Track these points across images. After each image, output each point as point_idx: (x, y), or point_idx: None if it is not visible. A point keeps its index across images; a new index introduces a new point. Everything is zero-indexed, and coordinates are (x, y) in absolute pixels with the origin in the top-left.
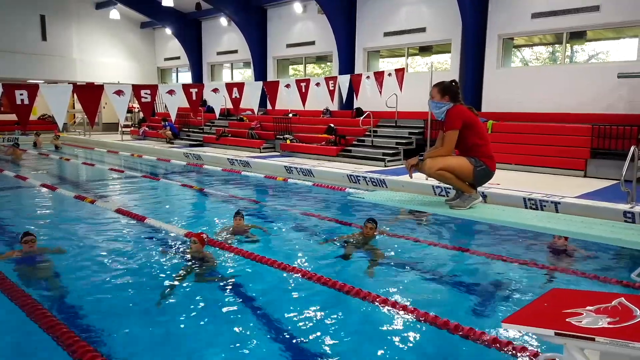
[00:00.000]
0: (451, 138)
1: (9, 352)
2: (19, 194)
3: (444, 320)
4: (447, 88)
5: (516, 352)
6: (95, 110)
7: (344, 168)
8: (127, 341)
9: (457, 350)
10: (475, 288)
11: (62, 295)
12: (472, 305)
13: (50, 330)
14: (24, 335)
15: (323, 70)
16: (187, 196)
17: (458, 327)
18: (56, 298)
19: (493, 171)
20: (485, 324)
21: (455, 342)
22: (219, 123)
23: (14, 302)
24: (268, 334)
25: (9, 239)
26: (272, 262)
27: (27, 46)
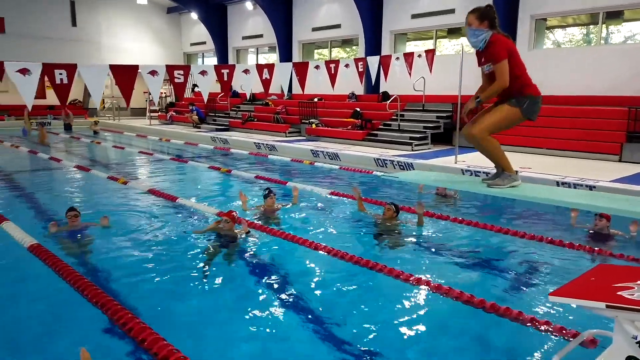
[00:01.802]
0: (503, 69)
1: (50, 320)
2: (55, 175)
3: (480, 299)
4: (485, 14)
5: (554, 332)
6: (131, 90)
7: (370, 152)
8: (160, 317)
9: (493, 329)
10: (510, 268)
11: (99, 270)
12: (508, 285)
13: (93, 299)
14: (65, 304)
15: (348, 54)
16: (216, 178)
17: (494, 306)
18: (94, 271)
19: (539, 95)
20: (522, 303)
21: (491, 322)
22: (245, 108)
23: (58, 274)
24: (297, 311)
25: (47, 217)
26: (302, 240)
27: (58, 32)
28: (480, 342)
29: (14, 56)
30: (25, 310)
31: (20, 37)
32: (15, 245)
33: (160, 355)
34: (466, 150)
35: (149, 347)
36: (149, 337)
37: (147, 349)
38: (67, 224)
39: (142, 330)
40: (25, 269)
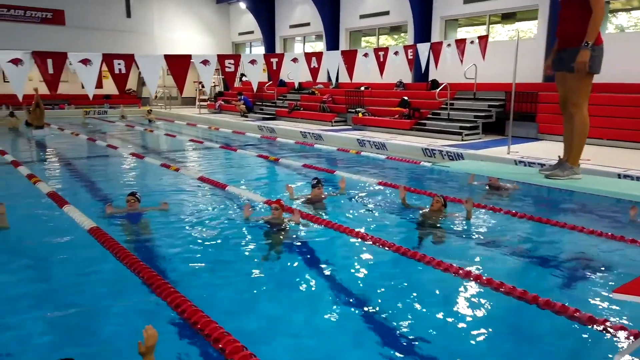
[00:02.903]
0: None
1: (109, 302)
2: (111, 161)
3: (533, 295)
4: None
5: (614, 331)
6: (184, 79)
7: (417, 142)
8: (208, 301)
9: (547, 327)
10: (566, 264)
11: (153, 253)
12: (564, 281)
13: (147, 281)
14: (122, 285)
15: (397, 41)
16: (264, 166)
17: (549, 303)
18: (148, 254)
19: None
20: (579, 301)
21: (545, 319)
22: (291, 97)
23: (115, 257)
24: (341, 301)
25: (105, 202)
26: (349, 230)
27: (113, 24)
28: (534, 339)
29: (74, 47)
30: (84, 291)
31: (79, 29)
32: (76, 227)
33: (213, 337)
34: (520, 140)
35: (201, 327)
36: (201, 320)
37: (198, 329)
38: (124, 207)
39: (194, 313)
40: (85, 251)
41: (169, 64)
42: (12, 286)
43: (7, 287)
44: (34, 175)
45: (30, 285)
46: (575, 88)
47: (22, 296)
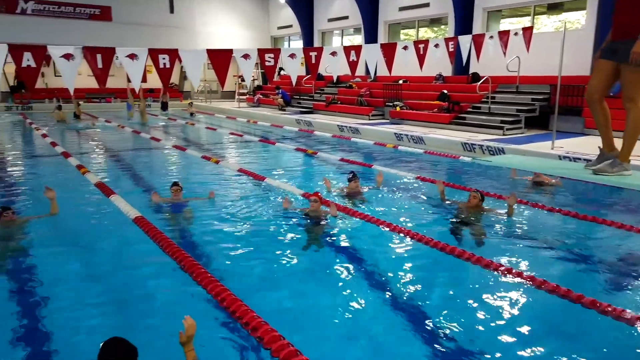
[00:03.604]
0: None
1: (151, 288)
2: (155, 153)
3: (578, 294)
4: None
5: None
6: (226, 73)
7: (457, 136)
8: (245, 290)
9: (593, 327)
10: (613, 263)
11: (194, 242)
12: (611, 281)
13: (188, 270)
14: (164, 273)
15: (436, 33)
16: (301, 159)
17: (595, 303)
18: (189, 243)
19: None
20: (626, 301)
21: (590, 319)
22: (329, 90)
23: (158, 245)
24: (377, 294)
25: (148, 192)
26: (386, 224)
27: (157, 19)
28: (578, 340)
29: (120, 42)
30: (128, 277)
31: (125, 25)
32: (121, 216)
33: (251, 325)
34: (565, 135)
35: (239, 315)
36: (239, 308)
37: (237, 317)
38: (169, 197)
39: (233, 302)
40: (129, 239)
41: (211, 58)
42: (61, 269)
43: (57, 270)
44: (83, 166)
45: (78, 269)
46: (630, 81)
47: (70, 279)
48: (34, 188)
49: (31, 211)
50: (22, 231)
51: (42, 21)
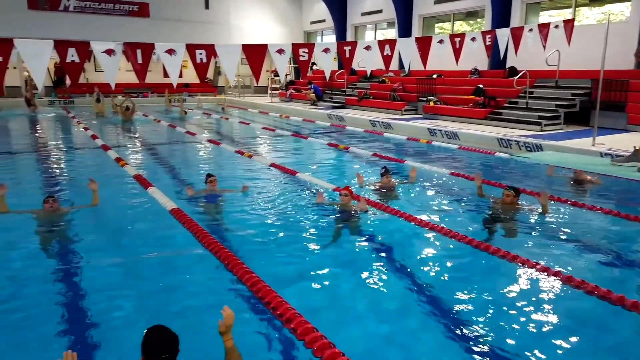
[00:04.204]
0: None
1: (187, 278)
2: (190, 147)
3: (619, 295)
4: None
5: None
6: (260, 68)
7: (492, 132)
8: (279, 282)
9: (633, 329)
10: None
11: (229, 233)
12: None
13: (224, 260)
14: (200, 264)
15: (472, 27)
16: (333, 154)
17: (637, 305)
18: (223, 234)
19: None
20: None
21: (633, 321)
22: (361, 85)
23: (194, 236)
24: (409, 290)
25: (184, 184)
26: (418, 220)
27: (193, 15)
28: (619, 342)
29: (156, 38)
30: (165, 267)
31: (161, 21)
32: (159, 207)
33: (286, 317)
34: (606, 131)
35: (274, 306)
36: (275, 300)
37: (271, 308)
38: (204, 189)
39: (268, 293)
40: (166, 230)
41: (246, 53)
42: (101, 257)
43: (97, 258)
44: (121, 159)
45: (116, 257)
46: None
47: (109, 267)
48: (76, 179)
49: (74, 201)
50: (65, 220)
51: (83, 18)
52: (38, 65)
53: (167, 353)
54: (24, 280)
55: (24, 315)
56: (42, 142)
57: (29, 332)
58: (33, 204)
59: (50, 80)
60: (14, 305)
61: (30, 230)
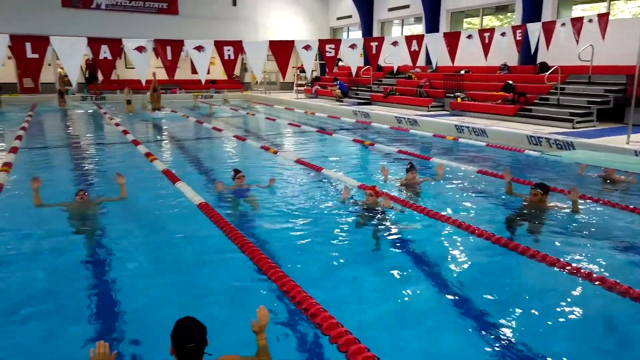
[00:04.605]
0: None
1: (213, 271)
2: (217, 142)
3: None
4: None
5: None
6: (287, 64)
7: (522, 129)
8: (303, 277)
9: None
10: None
11: (255, 227)
12: None
13: (250, 255)
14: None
15: (502, 22)
16: (358, 151)
17: None
18: (249, 229)
19: None
20: None
21: None
22: (387, 81)
23: (221, 230)
24: (434, 288)
25: (211, 179)
26: (445, 217)
27: (220, 12)
28: None
29: (185, 35)
30: (192, 260)
31: (190, 18)
32: (186, 202)
33: (310, 312)
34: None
35: (299, 301)
36: (300, 295)
37: (297, 302)
38: (232, 185)
39: (293, 287)
40: (194, 224)
41: (272, 50)
42: (129, 249)
43: (125, 250)
44: (151, 154)
45: (144, 250)
46: None
47: (136, 259)
48: (107, 173)
49: (105, 194)
50: (95, 212)
51: (114, 15)
52: (72, 62)
53: (194, 342)
54: (56, 270)
55: (57, 304)
56: (75, 137)
57: (62, 321)
58: (65, 197)
59: (83, 76)
60: (47, 294)
61: (62, 222)
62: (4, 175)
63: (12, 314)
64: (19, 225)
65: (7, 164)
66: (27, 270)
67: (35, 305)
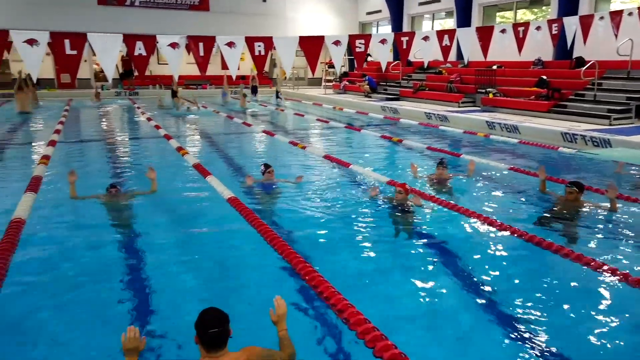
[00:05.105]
0: None
1: (241, 263)
2: (246, 138)
3: None
4: None
5: None
6: (317, 59)
7: (556, 125)
8: (331, 272)
9: None
10: None
11: (284, 222)
12: None
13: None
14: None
15: (536, 15)
16: (386, 147)
17: None
18: (278, 223)
19: None
20: None
21: None
22: (417, 76)
23: (249, 224)
24: (464, 285)
25: (240, 174)
26: (476, 215)
27: (250, 8)
28: None
29: (215, 31)
30: (221, 253)
31: (220, 14)
32: (216, 196)
33: (338, 307)
34: None
35: (327, 296)
36: (326, 290)
37: (324, 297)
38: (261, 179)
39: (321, 283)
40: (223, 218)
41: (302, 45)
42: (158, 240)
43: (154, 241)
44: (182, 148)
45: (174, 241)
46: None
47: (165, 250)
48: (140, 166)
49: (136, 187)
50: (127, 204)
51: (147, 12)
52: (108, 58)
53: (215, 328)
54: (90, 259)
55: (90, 291)
56: (109, 131)
57: (94, 307)
58: (99, 189)
59: (117, 72)
60: (81, 281)
61: (95, 213)
62: (43, 168)
63: (46, 300)
64: (56, 215)
65: (45, 157)
66: (61, 259)
67: (69, 292)
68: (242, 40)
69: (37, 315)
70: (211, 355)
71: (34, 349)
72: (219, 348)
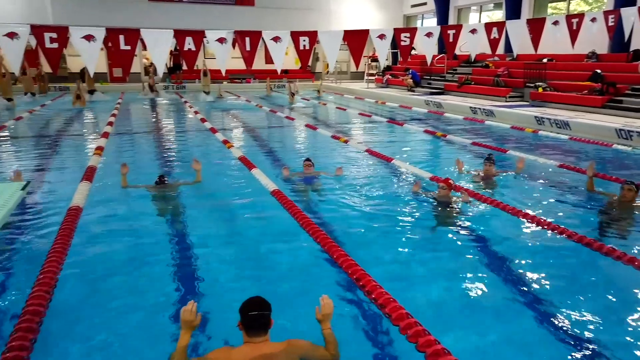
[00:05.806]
0: None
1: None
2: (289, 131)
3: None
4: None
5: None
6: (361, 53)
7: (610, 121)
8: (371, 266)
9: None
10: None
11: (325, 215)
12: None
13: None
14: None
15: (591, 6)
16: (429, 142)
17: None
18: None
19: None
20: None
21: None
22: (462, 70)
23: (292, 216)
24: (510, 287)
25: (281, 165)
26: (523, 213)
27: (294, 2)
28: None
29: (261, 26)
30: (264, 245)
31: (265, 9)
32: (261, 188)
33: (380, 301)
34: None
35: (369, 290)
36: (369, 284)
37: (366, 291)
38: (300, 172)
39: (363, 277)
40: (267, 209)
41: (347, 39)
42: (203, 230)
43: (199, 231)
44: (228, 141)
45: (219, 231)
46: None
47: (209, 240)
48: (186, 158)
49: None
50: (174, 193)
51: (194, 8)
52: (160, 53)
53: (256, 311)
54: (138, 245)
55: (142, 274)
56: (158, 123)
57: (146, 289)
58: (148, 178)
59: (166, 67)
60: (134, 265)
61: (144, 202)
62: (98, 158)
63: (100, 282)
64: (109, 203)
65: (99, 148)
66: (114, 243)
67: (120, 275)
68: (288, 35)
69: (92, 298)
70: (252, 340)
71: (91, 330)
72: (259, 332)
